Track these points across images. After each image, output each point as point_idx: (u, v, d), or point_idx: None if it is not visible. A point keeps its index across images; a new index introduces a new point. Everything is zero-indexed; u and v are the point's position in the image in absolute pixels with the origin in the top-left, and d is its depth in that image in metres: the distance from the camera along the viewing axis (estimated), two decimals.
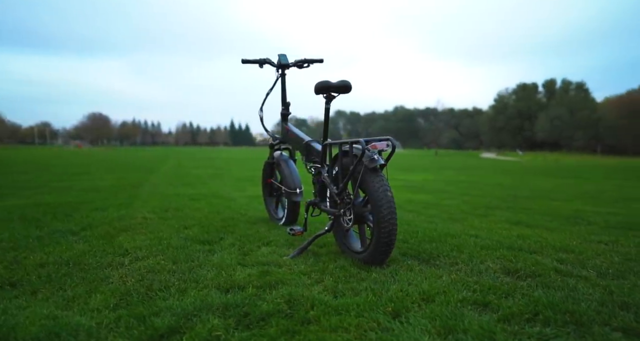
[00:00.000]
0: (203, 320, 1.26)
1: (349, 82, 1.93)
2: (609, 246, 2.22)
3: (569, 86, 51.05)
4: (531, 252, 2.03)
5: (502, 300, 1.39)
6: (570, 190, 5.95)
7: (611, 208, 3.86)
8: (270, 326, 1.22)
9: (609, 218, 3.18)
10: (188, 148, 54.81)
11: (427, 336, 1.14)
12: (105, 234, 2.40)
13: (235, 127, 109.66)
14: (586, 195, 5.24)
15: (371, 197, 1.69)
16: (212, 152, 32.67)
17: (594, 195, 5.16)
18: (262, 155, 23.16)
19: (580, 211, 3.56)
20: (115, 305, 1.37)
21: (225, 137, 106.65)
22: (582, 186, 6.81)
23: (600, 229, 2.72)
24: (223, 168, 10.35)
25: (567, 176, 9.94)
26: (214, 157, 19.65)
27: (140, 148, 49.56)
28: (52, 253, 1.96)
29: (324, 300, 1.39)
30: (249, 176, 7.43)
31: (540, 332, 1.15)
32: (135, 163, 12.63)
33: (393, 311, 1.31)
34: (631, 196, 5.20)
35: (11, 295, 1.46)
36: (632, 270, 1.74)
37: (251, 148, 60.97)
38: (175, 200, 3.93)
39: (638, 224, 2.93)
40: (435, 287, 1.49)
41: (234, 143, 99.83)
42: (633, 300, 1.37)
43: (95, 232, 2.44)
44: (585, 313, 1.26)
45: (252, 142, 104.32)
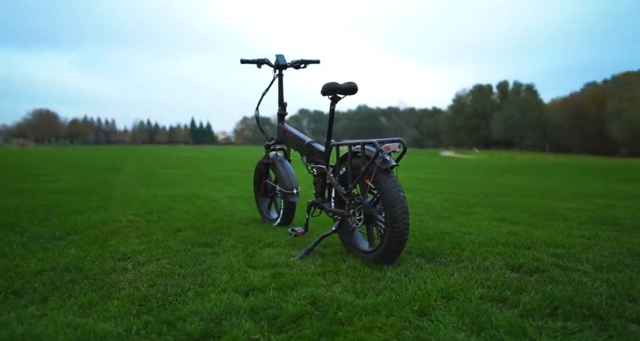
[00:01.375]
0: (234, 323, 1.24)
1: (355, 83, 1.95)
2: (591, 240, 2.37)
3: (520, 88, 53.91)
4: (525, 248, 2.13)
5: (518, 295, 1.45)
6: (534, 187, 6.29)
7: (578, 204, 4.12)
8: (305, 328, 1.22)
9: (581, 213, 3.39)
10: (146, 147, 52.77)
11: (462, 333, 1.18)
12: (95, 238, 2.30)
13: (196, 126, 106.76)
14: (550, 191, 5.55)
15: (384, 197, 1.71)
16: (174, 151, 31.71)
17: (556, 192, 5.48)
18: (227, 154, 22.77)
19: (552, 207, 3.77)
20: (137, 311, 1.33)
21: (186, 135, 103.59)
22: (543, 183, 7.22)
23: (577, 224, 2.90)
24: (192, 168, 10.09)
25: (526, 173, 10.50)
26: (177, 157, 19.08)
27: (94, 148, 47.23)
28: (46, 260, 1.86)
29: (348, 300, 1.40)
30: (223, 176, 7.29)
31: (564, 327, 1.22)
32: (94, 163, 12.05)
33: (419, 309, 1.34)
34: (589, 192, 5.57)
35: (20, 303, 1.40)
36: (623, 263, 1.88)
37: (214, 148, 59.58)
38: (156, 201, 3.80)
39: (607, 219, 3.15)
40: (451, 285, 1.54)
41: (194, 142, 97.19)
42: (637, 293, 1.48)
43: (82, 237, 2.33)
44: (600, 306, 1.34)
45: (214, 141, 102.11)
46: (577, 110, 46.03)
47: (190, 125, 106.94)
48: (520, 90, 53.28)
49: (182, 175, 7.54)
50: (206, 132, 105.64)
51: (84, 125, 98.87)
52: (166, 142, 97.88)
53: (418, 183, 6.89)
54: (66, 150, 34.21)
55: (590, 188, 6.10)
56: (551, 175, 9.76)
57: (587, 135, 44.30)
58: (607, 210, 3.67)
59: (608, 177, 9.15)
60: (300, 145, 2.34)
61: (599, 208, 3.79)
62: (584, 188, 6.25)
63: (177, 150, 33.15)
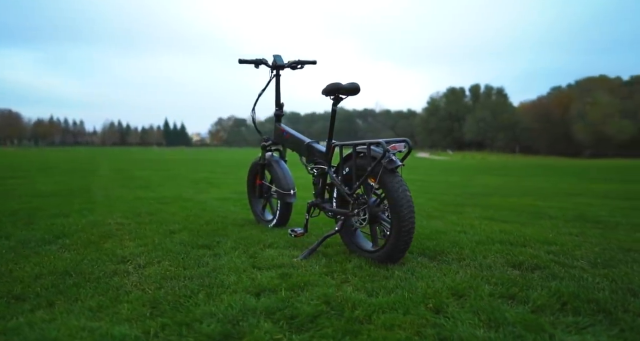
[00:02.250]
0: (252, 324, 1.23)
1: (358, 84, 1.96)
2: (580, 238, 2.46)
3: (491, 91, 55.58)
4: (521, 246, 2.19)
5: (526, 292, 1.49)
6: (513, 187, 6.48)
7: (558, 203, 4.27)
8: (325, 327, 1.22)
9: (564, 212, 3.52)
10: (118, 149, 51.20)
11: (480, 329, 1.20)
12: (88, 241, 2.23)
13: (169, 127, 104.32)
14: (530, 191, 5.74)
15: (391, 196, 1.73)
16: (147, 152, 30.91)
17: (536, 191, 5.67)
18: (204, 156, 22.39)
19: (536, 206, 3.90)
20: (150, 313, 1.31)
21: (159, 136, 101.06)
22: (521, 183, 7.45)
23: (563, 222, 3.01)
24: (170, 169, 9.87)
25: (502, 174, 10.81)
26: (152, 159, 18.62)
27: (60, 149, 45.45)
28: (42, 264, 1.80)
29: (362, 299, 1.41)
30: (205, 178, 7.18)
31: (576, 322, 1.26)
32: (66, 165, 11.62)
33: (434, 307, 1.36)
34: (566, 191, 5.78)
35: (24, 308, 1.35)
36: (615, 259, 1.96)
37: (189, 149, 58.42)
38: (142, 204, 3.71)
39: (589, 217, 3.28)
40: (459, 283, 1.57)
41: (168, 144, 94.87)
42: (637, 287, 1.54)
43: (74, 240, 2.25)
44: (606, 301, 1.39)
45: (188, 143, 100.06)
46: (545, 113, 47.90)
47: (164, 126, 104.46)
48: (491, 93, 54.97)
49: (161, 177, 7.38)
50: (180, 133, 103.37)
51: (49, 126, 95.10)
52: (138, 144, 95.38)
53: None
54: (29, 151, 32.79)
55: (567, 188, 6.34)
56: (527, 175, 10.09)
57: (554, 137, 46.11)
58: (587, 209, 3.82)
59: (580, 177, 9.53)
60: (299, 145, 2.34)
61: (579, 207, 3.94)
62: (560, 188, 6.49)
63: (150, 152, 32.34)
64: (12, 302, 1.41)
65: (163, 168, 10.07)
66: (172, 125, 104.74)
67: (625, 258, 1.99)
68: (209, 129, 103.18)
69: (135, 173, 8.30)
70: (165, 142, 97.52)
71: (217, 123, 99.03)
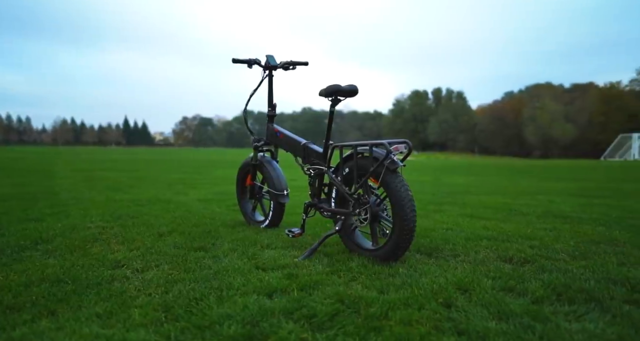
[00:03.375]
0: (273, 324, 1.23)
1: (356, 86, 2.01)
2: (554, 232, 2.63)
3: (451, 94, 57.73)
4: (506, 241, 2.31)
5: (523, 284, 1.58)
6: (481, 185, 6.76)
7: (525, 200, 4.51)
8: (347, 325, 1.24)
9: (533, 209, 3.72)
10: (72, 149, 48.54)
11: (492, 321, 1.27)
12: (72, 247, 2.14)
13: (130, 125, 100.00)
14: (496, 189, 6.01)
15: (393, 196, 1.78)
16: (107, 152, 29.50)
17: (502, 190, 5.95)
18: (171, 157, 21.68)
19: (507, 204, 4.10)
20: (165, 317, 1.29)
21: (118, 136, 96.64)
22: (485, 182, 7.78)
23: (535, 218, 3.19)
24: (137, 170, 9.52)
25: (467, 173, 11.22)
26: (115, 159, 17.84)
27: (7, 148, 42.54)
28: (28, 272, 1.72)
29: (374, 296, 1.45)
30: (179, 179, 6.99)
31: (573, 310, 1.35)
32: (19, 165, 10.93)
33: (444, 302, 1.42)
34: (528, 190, 6.10)
35: (24, 318, 1.29)
36: (590, 251, 2.11)
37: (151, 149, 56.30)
38: (118, 206, 3.57)
39: (556, 213, 3.48)
40: (461, 278, 1.64)
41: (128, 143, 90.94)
42: (615, 276, 1.67)
43: (56, 246, 2.16)
44: (594, 290, 1.51)
45: (150, 142, 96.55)
46: (499, 116, 50.42)
47: (124, 125, 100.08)
48: (452, 96, 57.09)
49: (130, 178, 7.11)
50: (141, 133, 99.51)
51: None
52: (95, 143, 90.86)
53: None
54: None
55: (528, 186, 6.69)
56: (489, 175, 10.54)
57: (508, 138, 48.58)
58: (551, 205, 4.06)
59: (535, 176, 10.07)
60: (294, 146, 2.35)
61: (543, 204, 4.18)
62: (522, 186, 6.84)
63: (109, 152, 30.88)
64: (7, 312, 1.34)
65: (129, 169, 9.69)
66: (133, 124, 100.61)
67: (597, 250, 2.15)
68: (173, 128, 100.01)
69: (99, 174, 7.94)
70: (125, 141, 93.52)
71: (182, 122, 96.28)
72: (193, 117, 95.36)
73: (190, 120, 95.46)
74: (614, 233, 2.62)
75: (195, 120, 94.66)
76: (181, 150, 44.96)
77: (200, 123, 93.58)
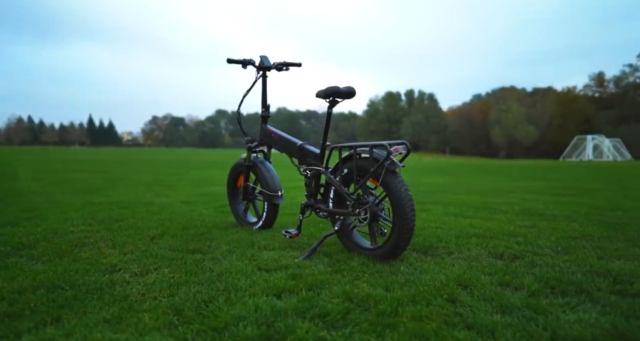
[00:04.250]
0: (288, 324, 1.25)
1: (354, 88, 2.05)
2: (534, 229, 2.75)
3: (423, 96, 59.07)
4: (493, 238, 2.41)
5: (517, 279, 1.65)
6: (456, 185, 6.96)
7: (501, 199, 4.69)
8: (361, 322, 1.27)
9: (510, 207, 3.88)
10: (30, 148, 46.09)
11: (496, 315, 1.33)
12: (59, 251, 2.07)
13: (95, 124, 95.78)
14: (473, 189, 6.21)
15: (394, 196, 1.83)
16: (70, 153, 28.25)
17: (477, 189, 6.15)
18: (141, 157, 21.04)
19: (486, 202, 4.25)
20: (178, 320, 1.28)
21: (82, 135, 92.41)
22: (460, 181, 8.02)
23: (514, 216, 3.33)
24: (108, 171, 9.21)
25: (442, 173, 11.50)
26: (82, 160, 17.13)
27: None
28: (17, 278, 1.66)
29: (381, 294, 1.49)
30: (156, 180, 6.82)
31: (568, 302, 1.43)
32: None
33: (449, 298, 1.47)
34: (501, 188, 6.34)
35: (26, 325, 1.26)
36: (570, 246, 2.23)
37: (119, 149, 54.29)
38: (98, 209, 3.46)
39: (531, 210, 3.63)
40: (459, 274, 1.70)
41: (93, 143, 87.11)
42: (598, 269, 1.79)
43: (41, 251, 2.08)
44: (582, 283, 1.60)
45: (118, 142, 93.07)
46: (468, 118, 52.13)
47: (88, 124, 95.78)
48: (424, 98, 58.43)
49: (103, 179, 6.87)
50: (108, 132, 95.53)
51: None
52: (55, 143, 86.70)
53: None
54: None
55: (501, 185, 6.95)
56: (462, 174, 10.85)
57: (477, 139, 50.27)
58: (525, 203, 4.24)
59: (505, 175, 10.46)
60: (290, 147, 2.36)
61: (519, 202, 4.36)
62: (495, 185, 7.09)
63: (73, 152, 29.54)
64: (5, 320, 1.30)
65: (99, 170, 9.36)
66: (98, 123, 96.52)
67: (576, 245, 2.28)
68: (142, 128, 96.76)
69: (69, 176, 7.63)
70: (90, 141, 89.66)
71: (152, 121, 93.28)
72: (164, 117, 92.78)
73: (161, 119, 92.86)
74: (588, 229, 2.77)
75: (166, 120, 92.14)
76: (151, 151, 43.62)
77: (172, 122, 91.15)
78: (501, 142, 47.79)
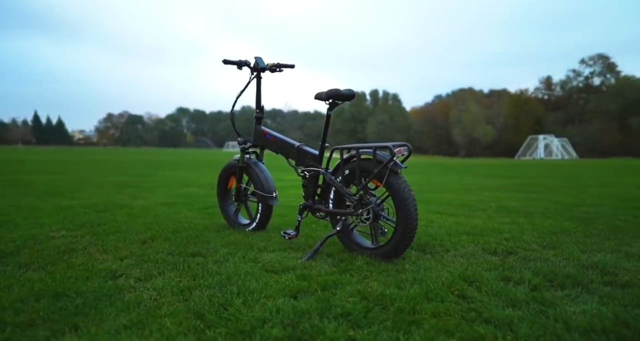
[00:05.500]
0: (314, 324, 1.26)
1: (354, 91, 2.08)
2: (516, 226, 2.90)
3: (387, 96, 60.42)
4: (481, 235, 2.51)
5: (516, 274, 1.74)
6: (428, 183, 7.17)
7: (475, 196, 4.89)
8: (385, 320, 1.30)
9: (487, 204, 4.06)
10: None
11: (510, 309, 1.38)
12: (48, 258, 1.98)
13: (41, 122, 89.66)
14: (445, 187, 6.42)
15: (397, 196, 1.87)
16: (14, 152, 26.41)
17: (450, 187, 6.37)
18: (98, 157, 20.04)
19: (463, 200, 4.42)
20: (202, 324, 1.26)
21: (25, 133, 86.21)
22: (431, 180, 8.27)
23: (494, 213, 3.49)
24: (66, 172, 8.73)
25: (411, 172, 11.83)
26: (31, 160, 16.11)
27: None
28: (13, 288, 1.57)
29: (395, 292, 1.52)
30: (125, 181, 6.54)
31: (568, 294, 1.52)
32: None
33: (460, 294, 1.53)
34: (472, 187, 6.60)
35: (42, 334, 1.21)
36: (553, 241, 2.36)
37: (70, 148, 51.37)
38: (72, 213, 3.29)
39: (507, 208, 3.82)
40: (462, 271, 1.77)
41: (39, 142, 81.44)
42: (585, 262, 1.91)
43: (28, 259, 1.97)
44: (576, 275, 1.71)
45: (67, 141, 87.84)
46: (430, 118, 53.89)
47: (33, 121, 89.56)
48: (388, 98, 59.83)
49: (65, 181, 6.51)
50: (57, 130, 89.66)
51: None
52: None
53: None
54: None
55: (471, 184, 7.23)
56: (431, 173, 11.18)
57: (439, 139, 52.01)
58: (500, 201, 4.45)
59: (472, 174, 10.89)
60: (287, 148, 2.35)
61: (493, 200, 4.57)
62: (464, 183, 7.37)
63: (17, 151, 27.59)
64: (16, 330, 1.24)
65: (57, 171, 8.86)
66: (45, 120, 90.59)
67: (558, 240, 2.43)
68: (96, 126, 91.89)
69: (26, 178, 7.17)
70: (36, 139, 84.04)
71: (107, 119, 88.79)
72: (120, 114, 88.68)
73: (117, 117, 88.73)
74: (563, 224, 2.96)
75: (122, 118, 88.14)
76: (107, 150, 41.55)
77: (129, 120, 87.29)
78: (461, 141, 49.73)
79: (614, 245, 2.30)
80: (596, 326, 1.25)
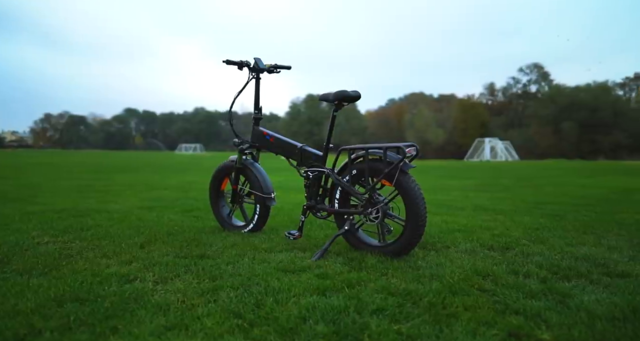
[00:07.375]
0: (357, 320, 1.28)
1: (359, 92, 2.13)
2: (499, 223, 3.06)
3: None
4: (472, 232, 2.63)
5: (522, 268, 1.83)
6: None
7: (448, 196, 5.09)
8: (421, 314, 1.34)
9: (464, 204, 4.23)
10: None
11: (532, 300, 1.45)
12: (47, 265, 1.86)
13: None
14: None
15: (408, 195, 1.93)
16: None
17: None
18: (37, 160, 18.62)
19: (440, 200, 4.57)
20: (248, 323, 1.25)
21: None
22: None
23: (473, 212, 3.65)
24: (11, 177, 8.07)
25: None
26: None
27: None
28: (26, 295, 1.46)
29: (420, 288, 1.56)
30: (84, 186, 6.16)
31: (575, 286, 1.61)
32: None
33: (479, 288, 1.60)
34: (440, 187, 6.87)
35: (84, 338, 1.16)
36: (539, 237, 2.52)
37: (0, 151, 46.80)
38: (47, 219, 3.07)
39: (483, 206, 4.03)
40: (472, 266, 1.84)
41: None
42: (577, 255, 2.06)
43: (24, 266, 1.83)
44: (577, 267, 1.84)
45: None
46: (385, 121, 55.50)
47: None
48: None
49: (14, 186, 6.01)
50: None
51: None
52: None
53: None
54: None
55: (437, 184, 7.50)
56: None
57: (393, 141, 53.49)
58: (471, 200, 4.66)
59: (432, 175, 11.32)
60: (288, 149, 2.35)
61: (466, 199, 4.78)
62: (430, 184, 7.63)
63: None
64: (54, 333, 1.18)
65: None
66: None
67: (543, 235, 2.58)
68: (32, 127, 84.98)
69: None
70: None
71: (44, 120, 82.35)
72: (60, 115, 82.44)
73: (56, 118, 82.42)
74: (539, 220, 3.16)
75: (62, 118, 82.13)
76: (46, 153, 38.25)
77: (70, 122, 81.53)
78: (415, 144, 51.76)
79: (593, 239, 2.49)
80: (617, 314, 1.34)
